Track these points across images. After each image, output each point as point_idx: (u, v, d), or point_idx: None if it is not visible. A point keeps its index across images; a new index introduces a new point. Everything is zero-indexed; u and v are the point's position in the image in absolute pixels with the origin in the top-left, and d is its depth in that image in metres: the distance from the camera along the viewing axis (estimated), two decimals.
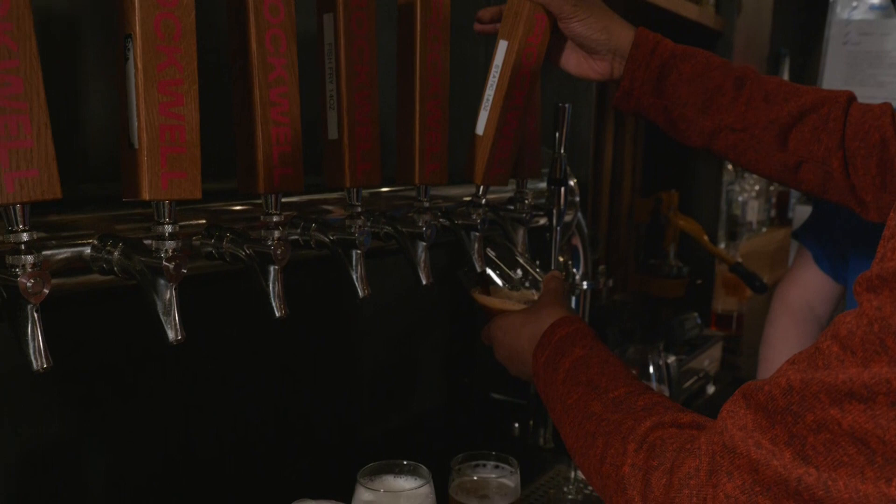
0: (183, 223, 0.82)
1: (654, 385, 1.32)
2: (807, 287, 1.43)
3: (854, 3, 2.08)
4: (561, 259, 1.44)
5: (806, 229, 1.45)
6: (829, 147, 0.95)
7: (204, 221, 0.84)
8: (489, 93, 0.99)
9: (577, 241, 1.45)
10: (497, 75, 0.98)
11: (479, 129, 1.00)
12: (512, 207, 1.17)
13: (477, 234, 1.07)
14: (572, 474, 1.34)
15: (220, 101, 0.78)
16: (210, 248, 0.82)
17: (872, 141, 0.93)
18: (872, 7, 2.07)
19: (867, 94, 1.99)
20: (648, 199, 2.26)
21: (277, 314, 0.78)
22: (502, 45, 0.98)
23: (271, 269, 0.79)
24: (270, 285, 0.79)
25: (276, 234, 0.78)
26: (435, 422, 1.42)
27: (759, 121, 0.97)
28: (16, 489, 0.83)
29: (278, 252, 0.78)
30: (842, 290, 1.40)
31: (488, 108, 0.99)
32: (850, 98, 0.98)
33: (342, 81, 0.83)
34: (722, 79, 0.99)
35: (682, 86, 0.99)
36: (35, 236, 0.61)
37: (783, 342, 1.44)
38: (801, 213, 2.07)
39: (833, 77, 2.06)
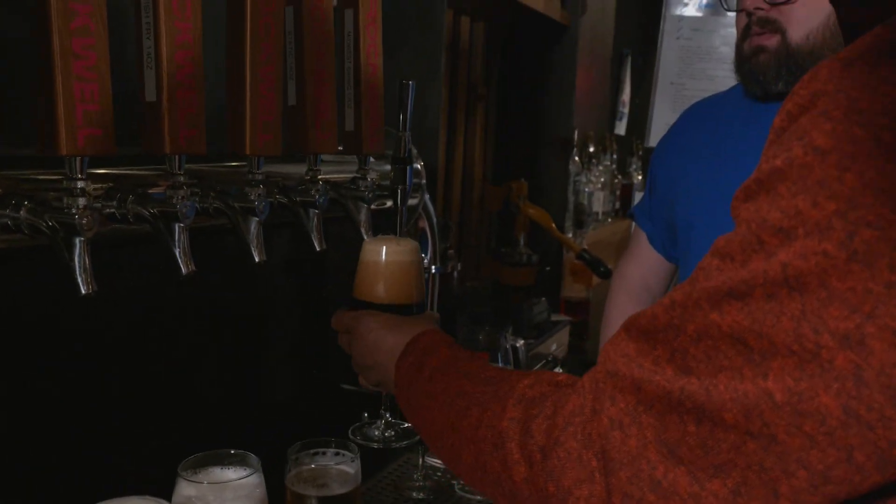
0: None
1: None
2: (642, 264, 1.48)
3: (685, 0, 2.20)
4: None
5: (640, 210, 1.50)
6: None
7: None
8: None
9: (424, 224, 1.43)
10: None
11: None
12: (354, 187, 1.13)
13: (316, 211, 1.02)
14: (420, 461, 1.32)
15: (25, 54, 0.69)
16: (6, 220, 0.73)
17: None
18: (702, 5, 2.19)
19: (699, 87, 2.11)
20: (499, 188, 2.29)
21: (83, 291, 0.70)
22: None
23: (77, 241, 0.71)
24: (76, 259, 0.71)
25: (82, 201, 0.71)
26: (280, 415, 1.36)
27: None
28: None
29: (83, 221, 0.70)
30: (674, 268, 1.46)
31: None
32: None
33: (161, 38, 0.76)
34: None
35: None
36: None
37: (621, 317, 1.47)
38: (638, 198, 2.16)
39: (668, 71, 2.16)
